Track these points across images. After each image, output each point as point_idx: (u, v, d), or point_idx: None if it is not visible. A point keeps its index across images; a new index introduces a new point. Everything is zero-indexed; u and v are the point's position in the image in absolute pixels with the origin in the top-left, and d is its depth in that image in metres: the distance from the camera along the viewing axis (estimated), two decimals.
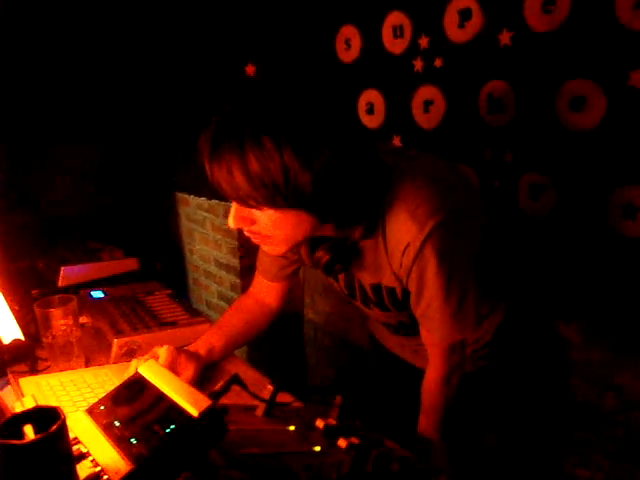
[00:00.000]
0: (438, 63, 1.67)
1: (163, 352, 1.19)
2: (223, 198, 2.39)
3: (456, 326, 1.09)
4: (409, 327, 1.23)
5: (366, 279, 1.15)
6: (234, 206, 0.98)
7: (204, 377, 1.26)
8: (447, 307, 1.06)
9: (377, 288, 1.15)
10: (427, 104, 1.74)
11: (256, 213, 0.96)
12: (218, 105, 2.43)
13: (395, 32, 1.77)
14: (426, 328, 1.13)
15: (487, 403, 1.40)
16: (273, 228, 0.98)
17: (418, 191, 1.00)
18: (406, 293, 1.11)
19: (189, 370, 1.21)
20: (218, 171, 0.91)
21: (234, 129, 0.89)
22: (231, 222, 0.99)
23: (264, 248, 1.07)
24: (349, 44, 1.94)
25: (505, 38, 1.50)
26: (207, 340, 1.30)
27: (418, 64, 1.72)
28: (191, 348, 1.28)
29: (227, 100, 0.94)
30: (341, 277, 1.21)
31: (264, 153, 0.86)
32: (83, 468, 0.83)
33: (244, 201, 0.93)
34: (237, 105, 0.93)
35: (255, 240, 1.04)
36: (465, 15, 1.58)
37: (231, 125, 0.90)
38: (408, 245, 1.00)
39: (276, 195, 0.90)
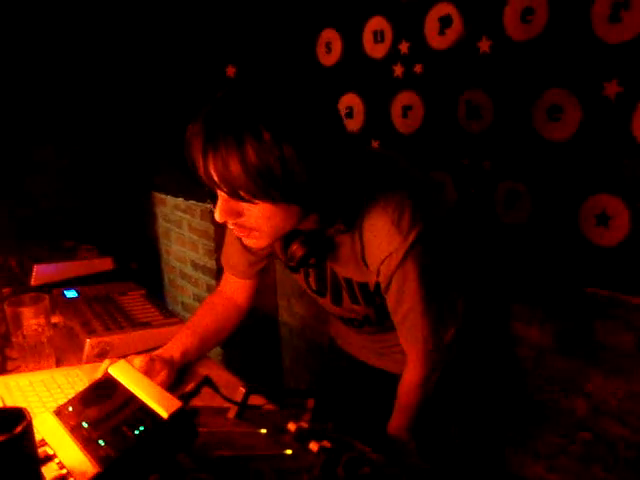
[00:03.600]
0: (418, 69, 1.68)
1: (137, 362, 1.17)
2: (200, 199, 2.40)
3: (436, 330, 1.11)
4: (374, 323, 1.24)
5: (340, 272, 1.16)
6: (221, 199, 0.96)
7: (175, 379, 1.25)
8: (427, 313, 1.08)
9: (349, 281, 1.16)
10: (406, 109, 1.74)
11: (244, 206, 0.95)
12: (198, 105, 2.41)
13: (376, 37, 1.78)
14: (404, 332, 1.14)
15: (452, 396, 1.41)
16: (262, 220, 0.97)
17: (399, 199, 1.01)
18: (378, 286, 1.11)
19: (162, 376, 1.19)
20: (212, 163, 0.89)
21: (230, 122, 0.88)
22: (217, 215, 0.97)
23: (246, 242, 1.05)
24: (330, 48, 1.94)
25: (484, 46, 1.51)
26: (181, 342, 1.29)
27: (398, 69, 1.73)
28: (165, 351, 1.26)
29: (207, 101, 0.93)
30: (312, 271, 1.21)
31: (263, 146, 0.86)
32: (49, 471, 0.82)
33: (236, 194, 0.91)
34: (230, 97, 0.91)
35: (239, 233, 1.02)
36: (445, 22, 1.59)
37: (226, 117, 0.89)
38: (390, 254, 1.02)
39: (272, 187, 0.89)
